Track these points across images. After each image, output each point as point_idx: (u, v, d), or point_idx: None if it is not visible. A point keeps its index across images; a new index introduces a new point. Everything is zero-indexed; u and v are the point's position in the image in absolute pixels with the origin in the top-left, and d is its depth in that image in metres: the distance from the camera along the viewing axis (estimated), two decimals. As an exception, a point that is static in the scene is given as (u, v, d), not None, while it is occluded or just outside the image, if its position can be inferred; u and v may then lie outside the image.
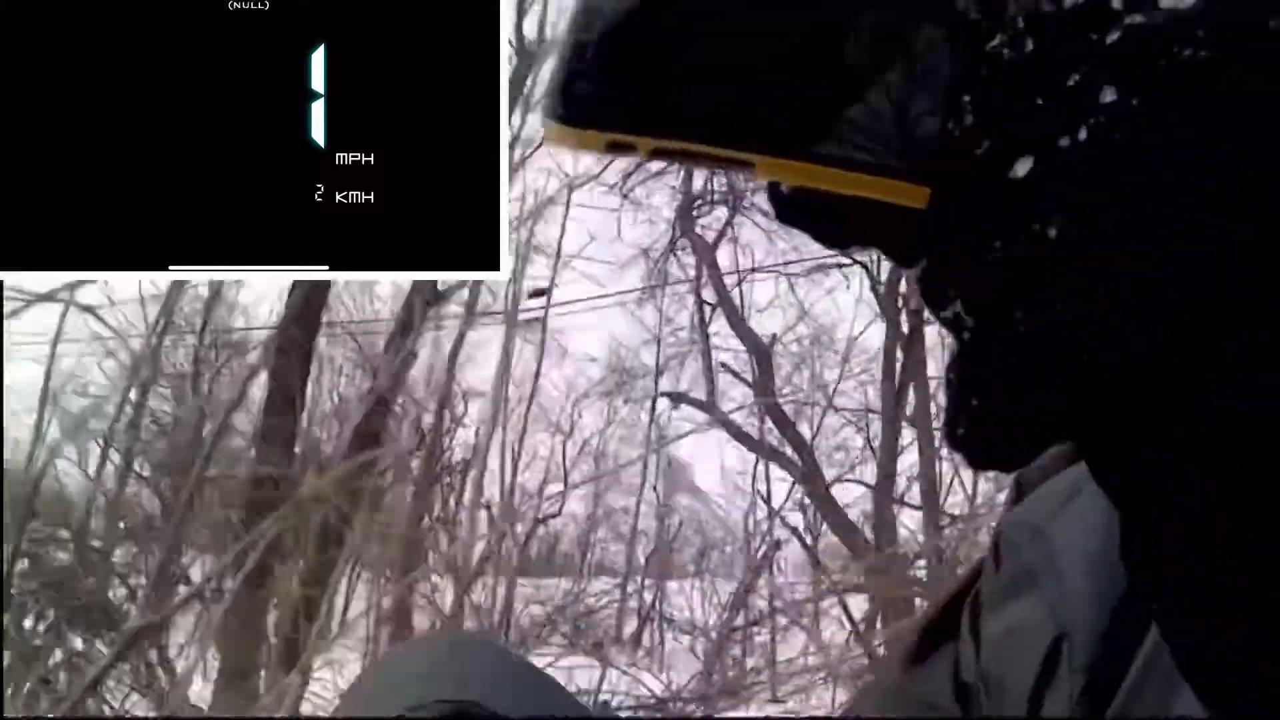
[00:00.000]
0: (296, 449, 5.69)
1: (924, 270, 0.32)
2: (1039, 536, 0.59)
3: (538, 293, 7.80)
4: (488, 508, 6.77)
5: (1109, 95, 0.27)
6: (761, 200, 10.86)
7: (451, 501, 7.40)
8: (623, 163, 10.73)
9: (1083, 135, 0.27)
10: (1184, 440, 0.28)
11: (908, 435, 9.04)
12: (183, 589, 4.32)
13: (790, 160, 0.33)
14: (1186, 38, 0.27)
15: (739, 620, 7.17)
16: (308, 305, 6.06)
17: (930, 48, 0.33)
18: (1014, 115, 0.29)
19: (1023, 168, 0.28)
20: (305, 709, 3.70)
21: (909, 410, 9.22)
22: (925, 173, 0.32)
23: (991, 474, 8.91)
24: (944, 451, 9.09)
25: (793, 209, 0.36)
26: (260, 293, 6.89)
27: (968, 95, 0.30)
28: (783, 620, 6.98)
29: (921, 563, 7.42)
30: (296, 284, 6.06)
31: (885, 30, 0.34)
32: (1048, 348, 0.28)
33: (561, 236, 6.89)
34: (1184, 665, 0.31)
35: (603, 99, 0.34)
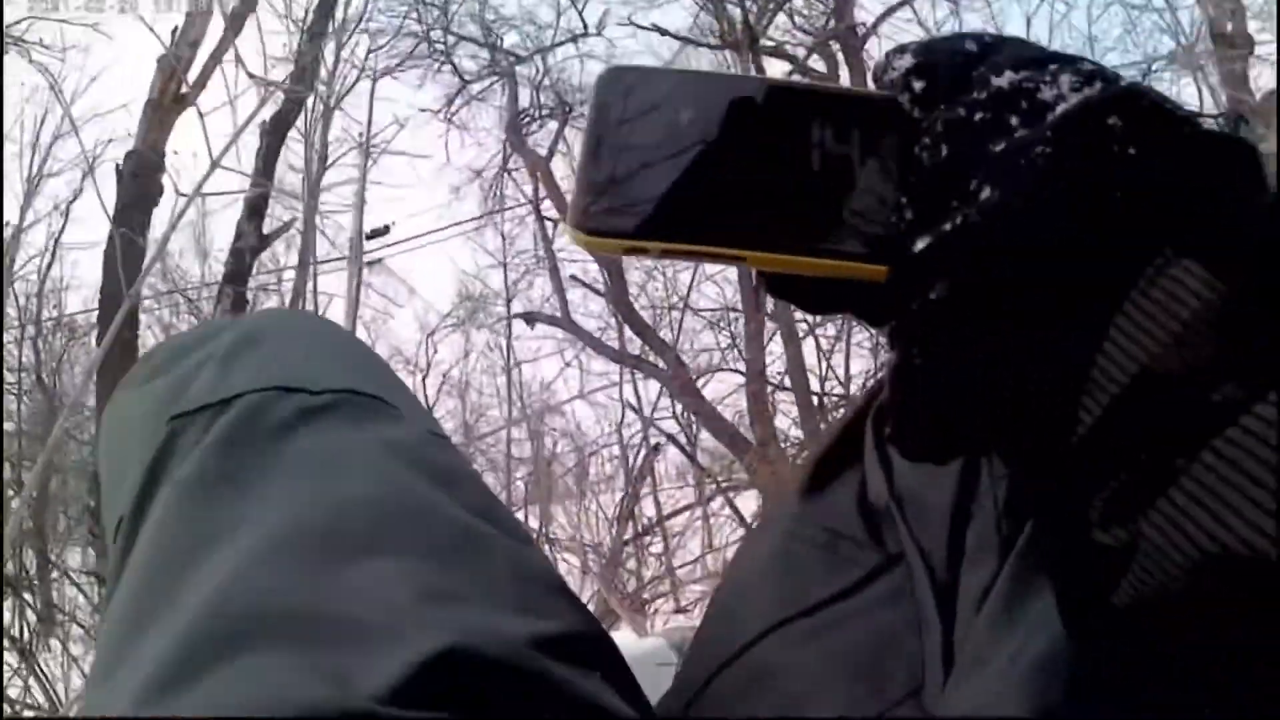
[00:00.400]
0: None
1: (891, 330, 0.40)
2: None
3: (376, 232, 7.53)
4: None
5: (986, 192, 0.37)
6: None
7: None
8: (447, 89, 10.62)
9: (957, 222, 0.37)
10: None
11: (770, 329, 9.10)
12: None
13: (775, 254, 0.41)
14: (1048, 141, 0.36)
15: (629, 534, 7.09)
16: (125, 267, 5.63)
17: (886, 151, 0.42)
18: (927, 214, 0.38)
19: (920, 245, 0.38)
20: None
21: (769, 306, 9.27)
22: (881, 257, 0.40)
23: (868, 350, 9.10)
24: (809, 340, 9.20)
25: (780, 288, 0.45)
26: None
27: (903, 198, 0.40)
28: (674, 527, 6.91)
29: (803, 452, 7.44)
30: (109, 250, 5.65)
31: (851, 141, 0.42)
32: (966, 374, 0.37)
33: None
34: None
35: (617, 215, 0.42)
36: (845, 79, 8.86)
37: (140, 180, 6.21)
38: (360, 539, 0.55)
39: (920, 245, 0.38)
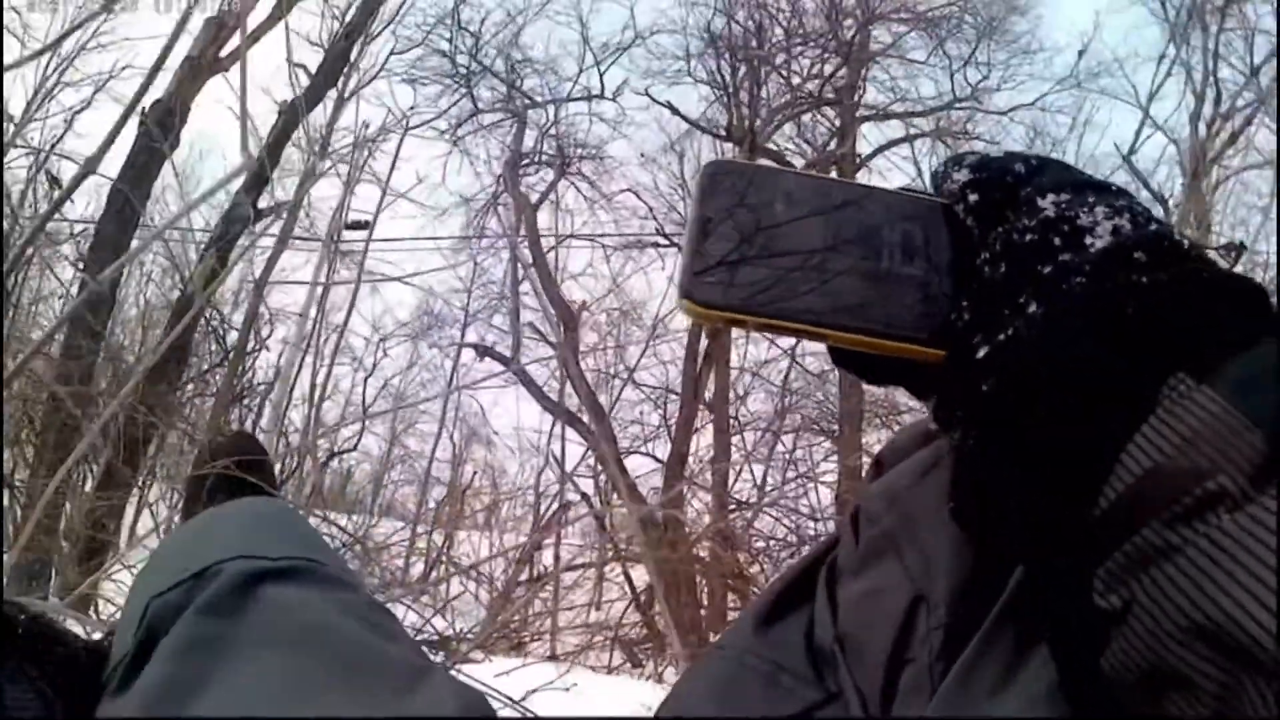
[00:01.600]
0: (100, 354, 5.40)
1: (936, 402, 0.48)
2: (897, 505, 0.64)
3: (358, 225, 7.62)
4: (284, 435, 6.60)
5: (1033, 307, 0.43)
6: (588, 168, 11.04)
7: (249, 424, 7.16)
8: (456, 109, 10.83)
9: (1010, 333, 0.43)
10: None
11: (702, 418, 9.32)
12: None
13: (851, 335, 0.48)
14: (1085, 273, 0.43)
15: (524, 575, 7.24)
16: (126, 203, 5.77)
17: (943, 249, 0.49)
18: (986, 318, 0.45)
19: (982, 352, 0.44)
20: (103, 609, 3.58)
21: (708, 394, 9.51)
22: (939, 343, 0.47)
23: (780, 464, 9.32)
24: (736, 438, 9.46)
25: (847, 360, 0.51)
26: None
27: (965, 301, 0.47)
28: (566, 580, 7.11)
29: (705, 542, 7.66)
30: (118, 183, 5.74)
31: (915, 239, 0.50)
32: (1011, 456, 0.43)
33: (392, 170, 6.73)
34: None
35: (722, 290, 0.49)
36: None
37: (161, 129, 6.37)
38: (335, 679, 0.67)
39: (981, 353, 0.44)
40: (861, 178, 9.97)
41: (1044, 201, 0.46)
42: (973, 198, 0.49)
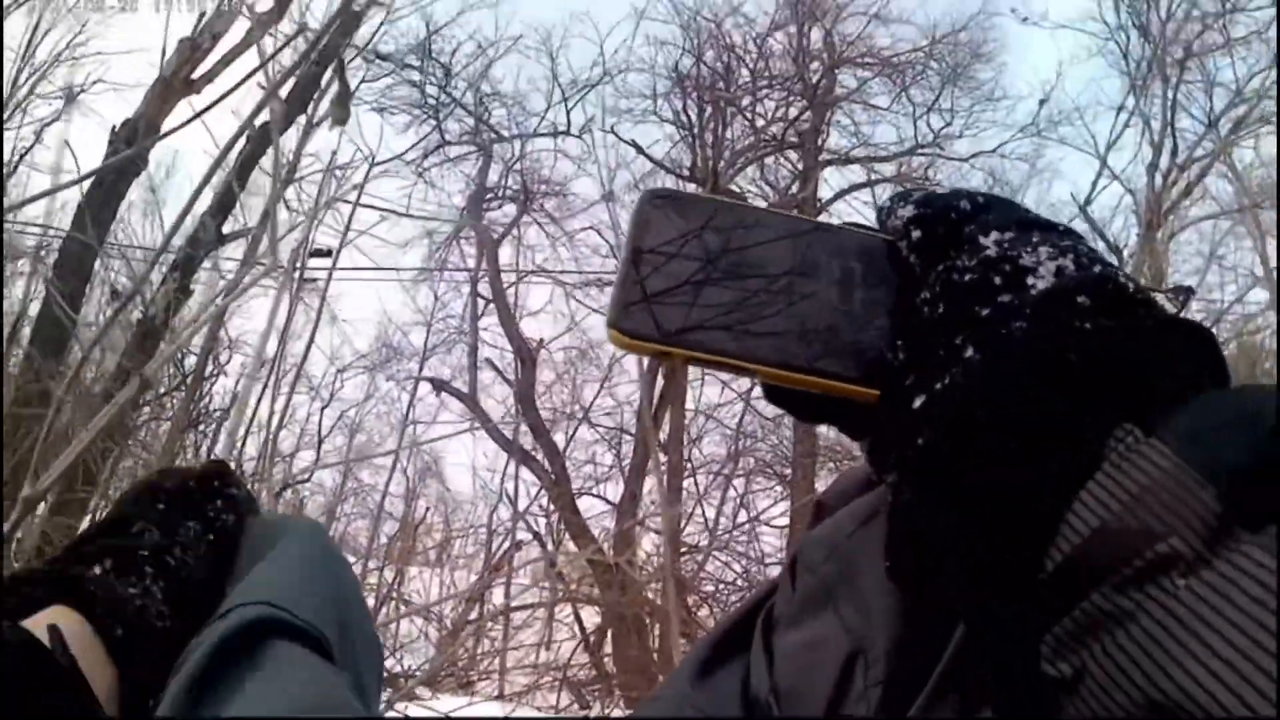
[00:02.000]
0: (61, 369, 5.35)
1: (870, 444, 0.47)
2: (836, 554, 0.61)
3: (322, 252, 7.60)
4: (238, 463, 6.53)
5: (970, 352, 0.42)
6: (551, 205, 11.10)
7: (204, 450, 7.08)
8: (423, 141, 10.84)
9: (946, 381, 0.42)
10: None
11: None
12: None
13: (782, 371, 0.47)
14: (1025, 317, 0.41)
15: (474, 614, 7.21)
16: (95, 221, 5.73)
17: (883, 286, 0.49)
18: (921, 360, 0.44)
19: (918, 401, 0.43)
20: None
21: (662, 436, 9.53)
22: (873, 382, 0.46)
23: (732, 507, 9.34)
24: (689, 482, 9.49)
25: (780, 398, 0.51)
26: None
27: (900, 340, 0.45)
28: (516, 619, 7.10)
29: (656, 585, 7.66)
30: (88, 197, 5.71)
31: (854, 275, 0.49)
32: (948, 511, 0.42)
33: (356, 203, 6.71)
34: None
35: (650, 323, 0.47)
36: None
37: (130, 148, 6.34)
38: None
39: (917, 401, 0.43)
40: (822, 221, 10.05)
41: (986, 240, 0.45)
42: (916, 234, 0.48)
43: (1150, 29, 9.23)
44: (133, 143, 6.33)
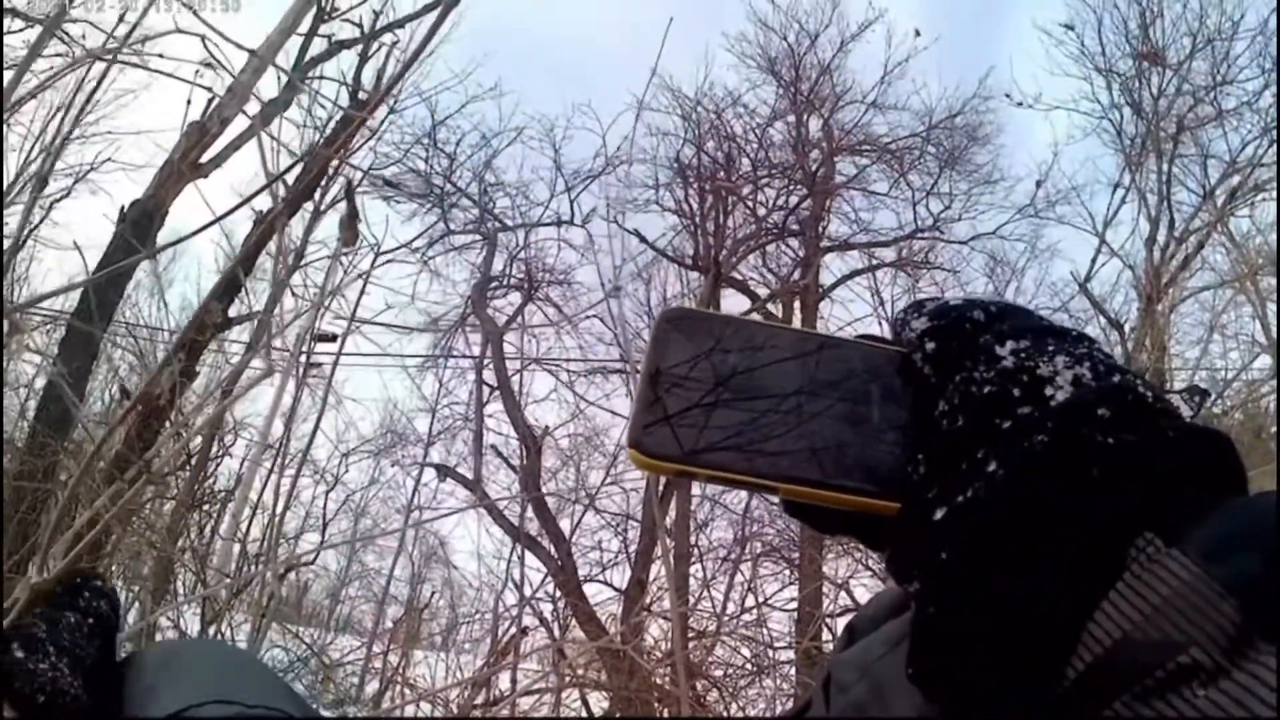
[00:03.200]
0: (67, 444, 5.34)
1: (890, 554, 0.47)
2: (868, 675, 0.62)
3: (327, 337, 7.65)
4: (242, 543, 6.49)
5: (992, 466, 0.42)
6: (555, 294, 11.20)
7: (208, 530, 7.05)
8: (429, 230, 10.99)
9: (969, 494, 0.42)
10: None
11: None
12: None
13: (803, 488, 0.48)
14: (1047, 430, 0.42)
15: (480, 699, 7.07)
16: (102, 302, 5.77)
17: (898, 399, 0.49)
18: (943, 474, 0.44)
19: (940, 514, 0.43)
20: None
21: (668, 521, 9.43)
22: (892, 495, 0.46)
23: (740, 592, 9.21)
24: (696, 567, 9.38)
25: (800, 512, 0.51)
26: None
27: (920, 454, 0.46)
28: (523, 704, 6.95)
29: (664, 670, 7.53)
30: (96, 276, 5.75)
31: (871, 391, 0.50)
32: (973, 623, 0.42)
33: (361, 293, 6.79)
34: None
35: (670, 442, 0.48)
36: (797, 323, 9.31)
37: (137, 229, 6.43)
38: None
39: (938, 515, 0.43)
40: (824, 307, 10.14)
41: (1003, 349, 0.46)
42: (930, 346, 0.49)
43: (1143, 106, 9.40)
44: (140, 223, 6.40)
